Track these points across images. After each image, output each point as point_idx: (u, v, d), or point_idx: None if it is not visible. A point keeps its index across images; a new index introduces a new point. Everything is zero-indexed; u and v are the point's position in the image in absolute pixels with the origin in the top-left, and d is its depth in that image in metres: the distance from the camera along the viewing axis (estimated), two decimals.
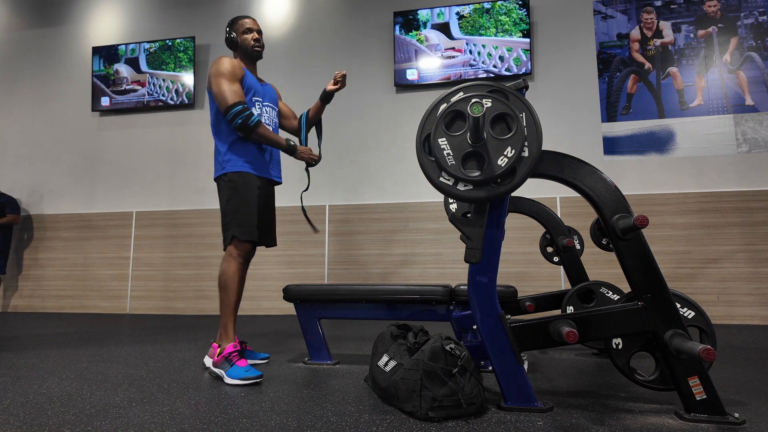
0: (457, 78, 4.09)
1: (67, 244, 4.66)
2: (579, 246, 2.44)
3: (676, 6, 3.88)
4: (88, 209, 4.71)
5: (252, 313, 4.11)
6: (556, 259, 2.49)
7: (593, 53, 3.98)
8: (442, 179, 1.28)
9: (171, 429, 1.24)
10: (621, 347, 1.45)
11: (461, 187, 1.27)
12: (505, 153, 1.23)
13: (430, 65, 4.15)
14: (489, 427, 1.24)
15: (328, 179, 4.25)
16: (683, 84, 3.80)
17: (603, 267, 3.38)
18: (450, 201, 2.20)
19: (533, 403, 1.37)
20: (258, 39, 2.12)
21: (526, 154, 1.25)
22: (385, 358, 1.55)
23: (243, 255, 1.99)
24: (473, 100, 1.19)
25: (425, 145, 1.30)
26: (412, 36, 4.19)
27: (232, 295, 1.95)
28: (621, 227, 1.34)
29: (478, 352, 1.46)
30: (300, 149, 2.07)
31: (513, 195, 1.91)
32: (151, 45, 4.73)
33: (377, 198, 4.17)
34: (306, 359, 2.11)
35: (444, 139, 1.26)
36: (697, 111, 3.74)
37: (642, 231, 1.36)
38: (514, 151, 1.22)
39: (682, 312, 1.46)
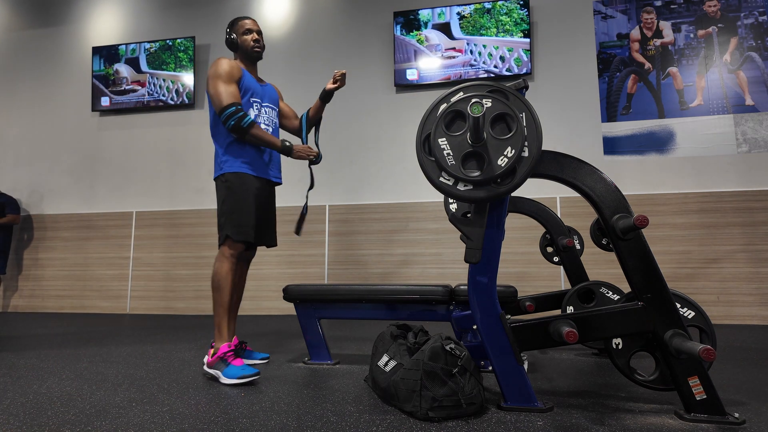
0: (458, 78, 4.09)
1: (67, 244, 4.66)
2: (579, 246, 2.44)
3: (676, 6, 3.87)
4: (88, 209, 4.71)
5: (252, 313, 4.11)
6: (556, 259, 2.49)
7: (593, 53, 3.98)
8: (442, 179, 1.28)
9: (171, 429, 1.24)
10: (621, 347, 1.45)
11: (461, 187, 1.27)
12: (505, 153, 1.23)
13: (430, 65, 4.15)
14: (489, 427, 1.24)
15: (328, 179, 4.25)
16: (683, 84, 3.79)
17: (603, 267, 3.38)
18: (450, 201, 2.20)
19: (533, 403, 1.37)
20: (258, 40, 2.12)
21: (526, 154, 1.25)
22: (385, 358, 1.55)
23: (236, 255, 1.98)
24: (473, 100, 1.19)
25: (425, 145, 1.30)
26: (412, 36, 4.19)
27: (225, 295, 1.95)
28: (621, 227, 1.34)
29: (478, 352, 1.46)
30: (297, 148, 2.04)
31: (513, 195, 1.90)
32: (152, 45, 4.73)
33: (377, 198, 4.17)
34: (306, 359, 2.11)
35: (444, 139, 1.26)
36: (697, 111, 3.74)
37: (642, 231, 1.36)
38: (514, 151, 1.22)
39: (682, 312, 1.45)
